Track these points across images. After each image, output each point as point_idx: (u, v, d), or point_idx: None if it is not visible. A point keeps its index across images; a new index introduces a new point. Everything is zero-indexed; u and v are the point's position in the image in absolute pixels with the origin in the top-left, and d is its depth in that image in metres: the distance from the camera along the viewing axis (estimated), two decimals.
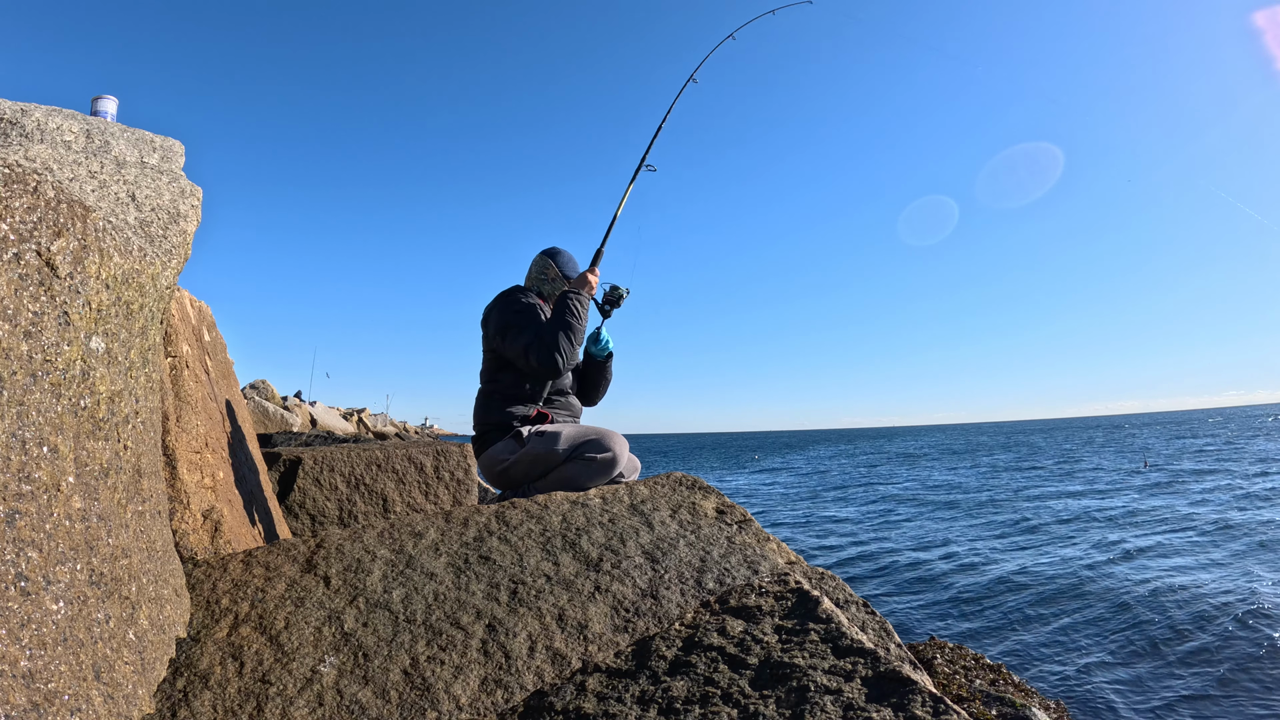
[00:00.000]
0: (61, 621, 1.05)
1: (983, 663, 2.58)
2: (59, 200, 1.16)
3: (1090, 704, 4.44)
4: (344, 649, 1.46)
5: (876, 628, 1.77)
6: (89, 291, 1.19)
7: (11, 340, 1.03)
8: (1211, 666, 4.94)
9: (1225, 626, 5.75)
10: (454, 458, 4.03)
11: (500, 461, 2.72)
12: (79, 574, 1.11)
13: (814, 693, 1.24)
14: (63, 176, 1.30)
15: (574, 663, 1.46)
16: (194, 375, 2.27)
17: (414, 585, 1.68)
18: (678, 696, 1.29)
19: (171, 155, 1.71)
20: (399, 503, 3.82)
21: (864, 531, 12.16)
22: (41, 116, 1.48)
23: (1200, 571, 7.74)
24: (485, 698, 1.36)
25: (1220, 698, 4.43)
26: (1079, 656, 5.31)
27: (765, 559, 1.87)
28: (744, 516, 2.16)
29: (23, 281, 1.06)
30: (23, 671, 0.95)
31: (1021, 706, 2.06)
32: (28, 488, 1.03)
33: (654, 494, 2.26)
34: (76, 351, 1.16)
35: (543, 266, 2.99)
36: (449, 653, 1.46)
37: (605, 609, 1.62)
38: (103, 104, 1.86)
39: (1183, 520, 11.24)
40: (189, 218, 1.59)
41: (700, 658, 1.41)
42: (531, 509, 2.09)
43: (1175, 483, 17.06)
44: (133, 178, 1.50)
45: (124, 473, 1.32)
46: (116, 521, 1.27)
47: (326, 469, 3.70)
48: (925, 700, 1.18)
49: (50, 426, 1.09)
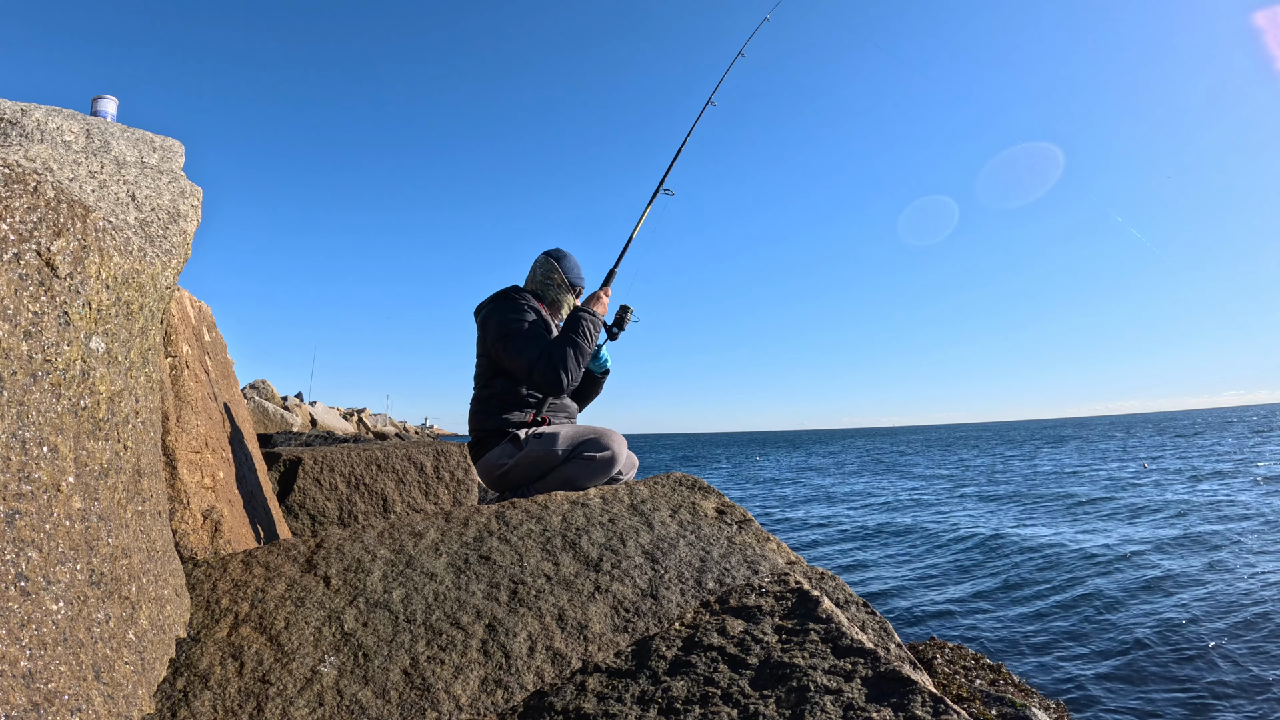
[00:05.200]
0: (61, 621, 1.05)
1: (983, 663, 2.58)
2: (59, 200, 1.16)
3: (1090, 704, 4.44)
4: (344, 649, 1.46)
5: (876, 627, 1.77)
6: (89, 291, 1.19)
7: (11, 340, 1.03)
8: (1212, 666, 4.94)
9: (1226, 627, 5.74)
10: (454, 458, 4.03)
11: (499, 466, 2.72)
12: (79, 574, 1.11)
13: (814, 693, 1.24)
14: (63, 176, 1.30)
15: (574, 663, 1.46)
16: (194, 375, 2.27)
17: (414, 585, 1.68)
18: (678, 696, 1.29)
19: (171, 155, 1.71)
20: (399, 503, 3.82)
21: (864, 531, 12.16)
22: (41, 116, 1.48)
23: (1201, 572, 7.74)
24: (485, 698, 1.36)
25: (1220, 697, 4.43)
26: (1079, 656, 5.31)
27: (765, 559, 1.87)
28: (744, 516, 2.15)
29: (23, 281, 1.06)
30: (23, 671, 0.95)
31: (1021, 706, 2.06)
32: (28, 488, 1.03)
33: (654, 494, 2.26)
34: (76, 351, 1.16)
35: (547, 270, 2.93)
36: (449, 653, 1.46)
37: (605, 609, 1.62)
38: (103, 104, 1.86)
39: (1183, 520, 11.24)
40: (189, 218, 1.59)
41: (700, 658, 1.41)
42: (531, 509, 2.09)
43: (1175, 483, 17.06)
44: (133, 178, 1.50)
45: (124, 473, 1.32)
46: (116, 521, 1.27)
47: (326, 469, 3.71)
48: (925, 700, 1.18)
49: (50, 426, 1.09)
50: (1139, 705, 4.40)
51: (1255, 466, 19.93)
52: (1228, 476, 17.73)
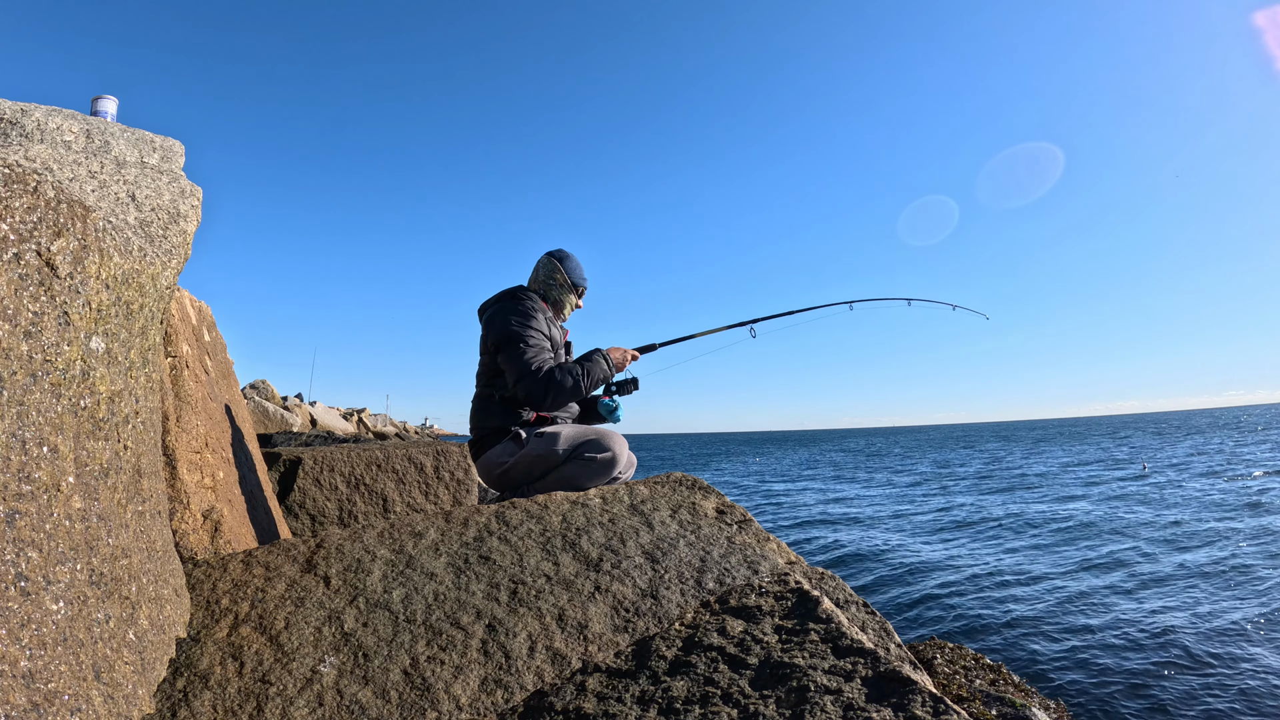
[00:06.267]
0: (61, 621, 1.05)
1: (983, 663, 2.58)
2: (59, 200, 1.16)
3: (1090, 704, 4.44)
4: (344, 649, 1.46)
5: (876, 627, 1.77)
6: (89, 291, 1.19)
7: (11, 340, 1.03)
8: (1212, 666, 4.94)
9: (1226, 627, 5.75)
10: (454, 458, 4.03)
11: (500, 464, 2.72)
12: (79, 574, 1.11)
13: (814, 693, 1.24)
14: (63, 176, 1.30)
15: (574, 663, 1.46)
16: (194, 375, 2.27)
17: (414, 585, 1.68)
18: (678, 696, 1.29)
19: (171, 155, 1.71)
20: (399, 503, 3.82)
21: (864, 531, 12.16)
22: (41, 116, 1.48)
23: (1202, 571, 7.74)
24: (485, 698, 1.36)
25: (1220, 697, 4.43)
26: (1079, 656, 5.31)
27: (765, 559, 1.87)
28: (744, 516, 2.15)
29: (23, 281, 1.06)
30: (23, 671, 0.95)
31: (1021, 706, 2.06)
32: (28, 488, 1.03)
33: (654, 494, 2.26)
34: (76, 351, 1.16)
35: (550, 270, 2.92)
36: (449, 653, 1.46)
37: (605, 609, 1.62)
38: (103, 104, 1.86)
39: (1183, 520, 11.24)
40: (189, 218, 1.59)
41: (700, 658, 1.41)
42: (531, 509, 2.09)
43: (1174, 484, 17.05)
44: (133, 178, 1.50)
45: (124, 473, 1.32)
46: (116, 521, 1.27)
47: (326, 469, 3.71)
48: (925, 700, 1.18)
49: (50, 426, 1.09)
50: (1139, 705, 4.40)
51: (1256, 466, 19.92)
52: (1228, 476, 17.73)
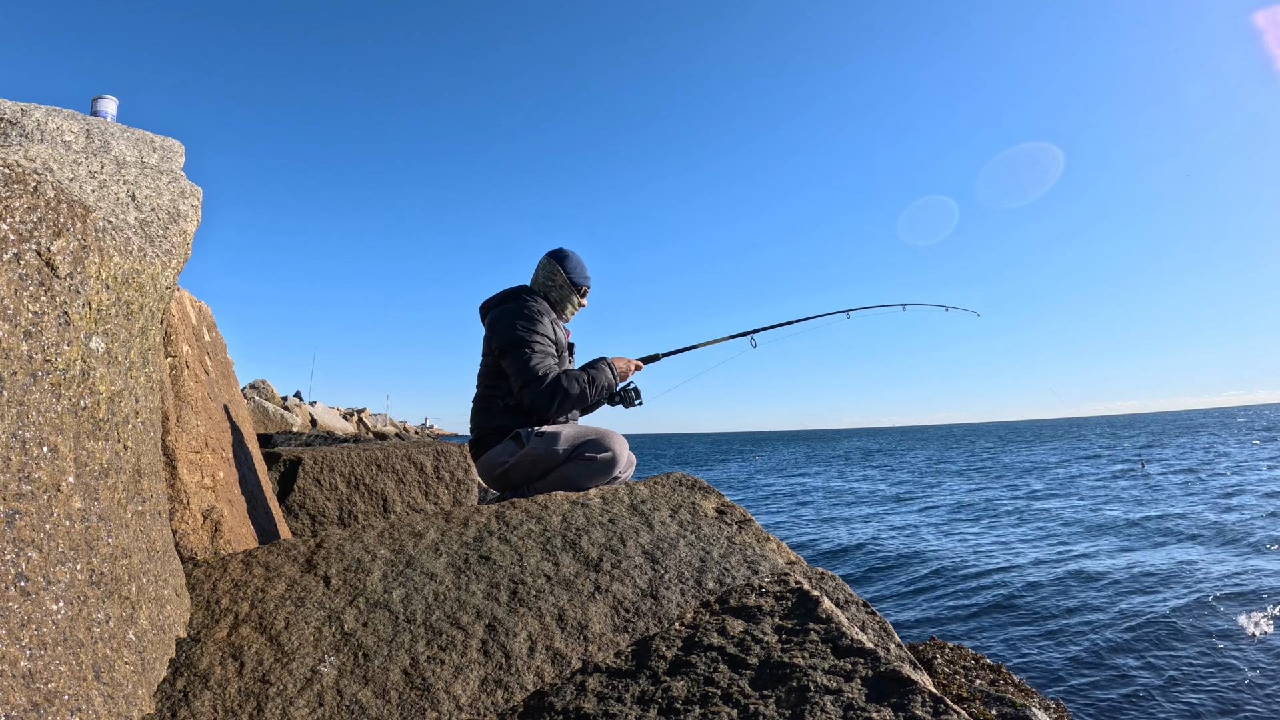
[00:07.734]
0: (61, 621, 1.05)
1: (983, 663, 2.58)
2: (59, 200, 1.16)
3: (1090, 704, 4.44)
4: (344, 649, 1.46)
5: (876, 628, 1.77)
6: (89, 291, 1.19)
7: (11, 340, 1.03)
8: (1212, 667, 4.94)
9: (1227, 627, 5.75)
10: (454, 458, 4.03)
11: (500, 464, 2.72)
12: (79, 574, 1.11)
13: (814, 693, 1.24)
14: (63, 176, 1.30)
15: (574, 663, 1.46)
16: (194, 375, 2.27)
17: (414, 585, 1.68)
18: (678, 696, 1.29)
19: (171, 155, 1.71)
20: (399, 503, 3.82)
21: (864, 531, 12.16)
22: (41, 116, 1.48)
23: (1203, 572, 7.74)
24: (485, 698, 1.36)
25: (1220, 698, 4.43)
26: (1079, 657, 5.31)
27: (765, 559, 1.87)
28: (744, 516, 2.15)
29: (23, 281, 1.06)
30: (23, 671, 0.95)
31: (1021, 706, 2.06)
32: (28, 488, 1.03)
33: (654, 494, 2.26)
34: (76, 351, 1.16)
35: (550, 273, 2.92)
36: (449, 653, 1.46)
37: (605, 609, 1.62)
38: (103, 104, 1.86)
39: (1183, 521, 11.24)
40: (189, 218, 1.59)
41: (700, 658, 1.41)
42: (531, 509, 2.09)
43: (1174, 484, 17.05)
44: (133, 178, 1.50)
45: (124, 473, 1.32)
46: (116, 521, 1.27)
47: (326, 469, 3.71)
48: (925, 700, 1.18)
49: (50, 426, 1.09)
50: (1139, 705, 4.40)
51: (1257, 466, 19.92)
52: (1228, 475, 17.73)
